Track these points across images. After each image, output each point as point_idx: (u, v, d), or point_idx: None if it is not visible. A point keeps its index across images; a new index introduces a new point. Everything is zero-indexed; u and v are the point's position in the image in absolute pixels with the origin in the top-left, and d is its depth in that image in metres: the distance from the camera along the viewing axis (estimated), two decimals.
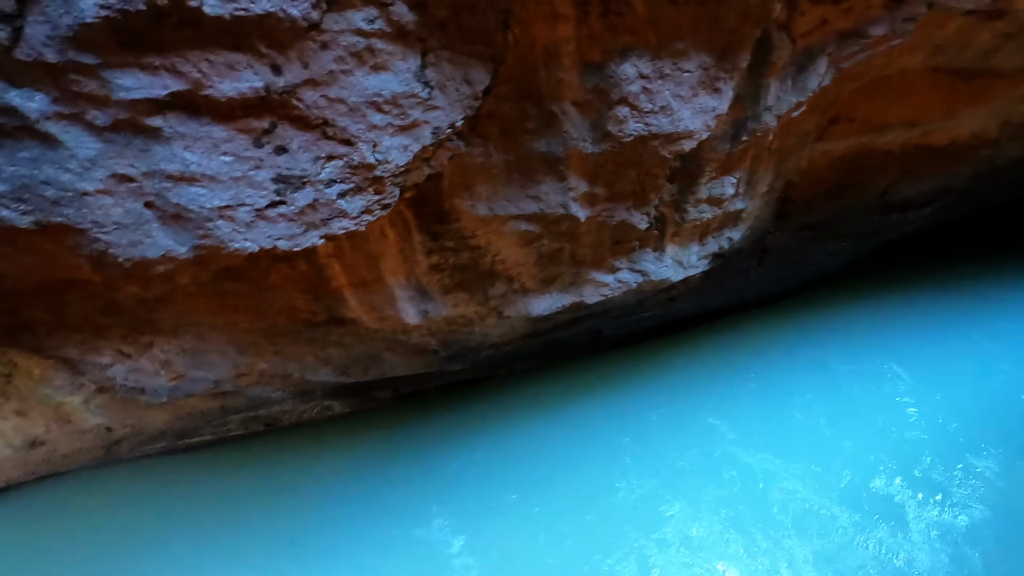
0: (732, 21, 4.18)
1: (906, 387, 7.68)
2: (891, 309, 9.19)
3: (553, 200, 4.85)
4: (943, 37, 5.41)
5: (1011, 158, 7.45)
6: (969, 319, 8.83)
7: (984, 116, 6.88)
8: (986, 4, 5.01)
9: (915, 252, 10.13)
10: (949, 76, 6.28)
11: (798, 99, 5.15)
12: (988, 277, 9.67)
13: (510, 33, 3.69)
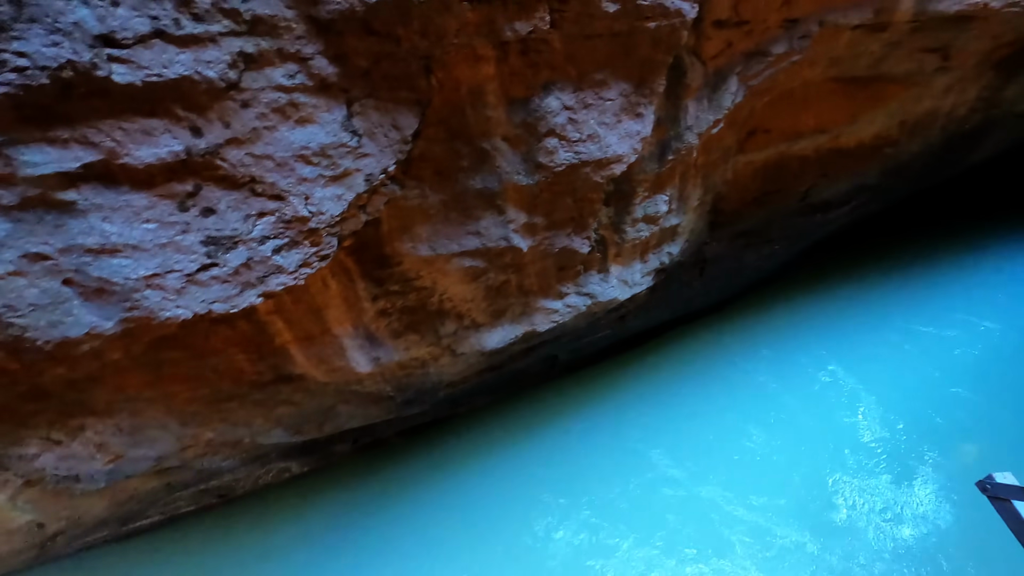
0: (645, 50, 4.38)
1: (842, 392, 8.01)
2: (823, 306, 9.65)
3: (494, 234, 4.89)
4: (837, 50, 5.84)
5: (912, 153, 8.06)
6: (896, 308, 9.38)
7: (884, 118, 7.43)
8: (870, 18, 5.46)
9: (841, 249, 10.72)
10: (848, 84, 6.77)
11: (715, 116, 5.42)
12: (905, 266, 10.32)
13: (433, 77, 3.75)
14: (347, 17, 3.13)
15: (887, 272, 10.28)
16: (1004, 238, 10.94)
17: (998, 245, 10.72)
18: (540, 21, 3.82)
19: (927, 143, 7.95)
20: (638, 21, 4.13)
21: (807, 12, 5.26)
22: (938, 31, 6.04)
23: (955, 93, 7.44)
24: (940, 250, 10.60)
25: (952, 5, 5.55)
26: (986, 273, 9.94)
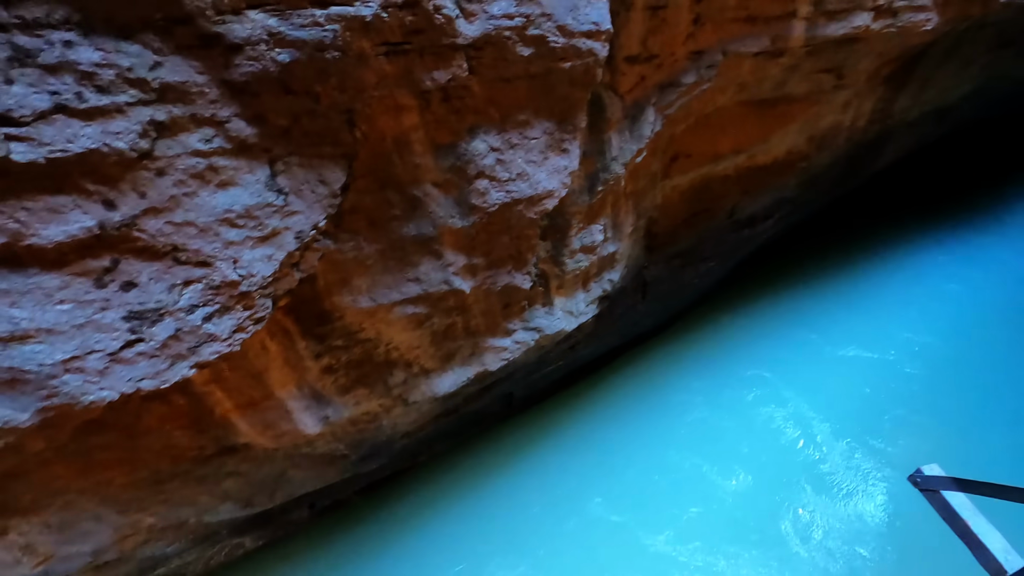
0: (563, 89, 4.55)
1: (784, 414, 8.36)
2: (758, 320, 10.07)
3: (434, 278, 4.88)
4: (742, 76, 6.25)
5: (823, 165, 8.62)
6: (820, 317, 9.92)
7: (794, 134, 7.94)
8: (767, 46, 5.89)
9: (771, 260, 11.24)
10: (757, 107, 7.22)
11: (638, 146, 5.66)
12: (827, 272, 10.94)
13: (357, 130, 3.77)
14: (262, 79, 3.13)
15: (806, 283, 10.85)
16: (914, 238, 11.79)
17: (911, 246, 11.54)
18: (458, 69, 3.92)
19: (835, 155, 8.54)
20: (553, 63, 4.30)
21: (710, 44, 5.62)
22: (830, 53, 6.55)
23: (853, 108, 8.06)
24: (859, 257, 11.28)
25: (838, 29, 6.05)
26: (903, 286, 10.64)
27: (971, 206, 12.56)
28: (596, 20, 4.30)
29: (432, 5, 3.47)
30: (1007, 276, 10.81)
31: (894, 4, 6.16)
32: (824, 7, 5.77)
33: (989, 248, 11.50)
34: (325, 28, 3.15)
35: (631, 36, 5.01)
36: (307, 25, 3.10)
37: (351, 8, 3.17)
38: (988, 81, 9.60)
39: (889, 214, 12.22)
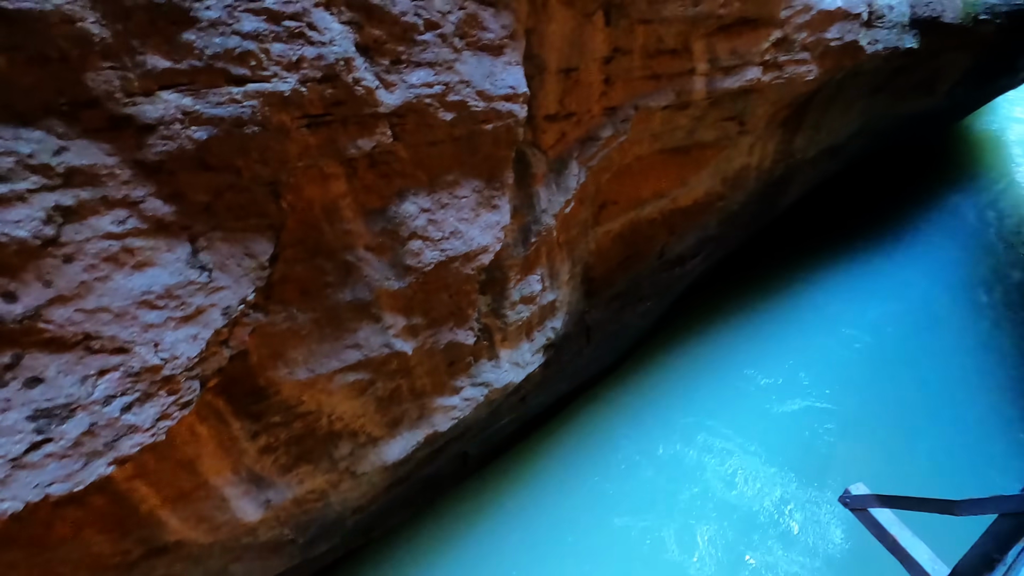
0: (487, 149, 4.71)
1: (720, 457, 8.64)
2: (696, 358, 10.43)
3: (375, 343, 4.78)
4: (654, 128, 6.67)
5: (739, 203, 9.21)
6: (751, 350, 10.41)
7: (709, 177, 8.48)
8: (674, 100, 6.34)
9: (703, 295, 11.73)
10: (673, 154, 7.69)
11: (565, 198, 5.87)
12: (754, 304, 11.52)
13: (283, 201, 3.73)
14: (177, 157, 3.07)
15: (737, 315, 11.40)
16: (828, 265, 12.64)
17: (826, 272, 12.36)
18: (382, 136, 4.00)
19: (748, 193, 9.15)
20: (475, 125, 4.45)
21: (622, 100, 6.00)
22: (730, 103, 7.13)
23: (758, 150, 8.72)
24: (781, 286, 11.97)
25: (734, 82, 6.61)
26: (822, 311, 11.36)
27: (877, 231, 13.66)
28: (512, 84, 4.52)
29: (351, 78, 3.55)
30: (914, 296, 11.73)
31: (779, 59, 6.82)
32: (719, 64, 6.31)
33: (895, 269, 12.48)
34: (243, 105, 3.15)
35: (548, 97, 5.29)
36: (224, 103, 3.10)
37: (268, 84, 3.20)
38: (869, 120, 10.66)
39: (805, 243, 13.08)
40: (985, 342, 10.67)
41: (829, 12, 6.96)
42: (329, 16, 3.40)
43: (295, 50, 3.27)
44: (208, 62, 3.00)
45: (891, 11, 7.88)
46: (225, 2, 2.96)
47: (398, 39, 3.81)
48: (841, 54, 7.55)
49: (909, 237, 13.52)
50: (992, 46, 10.20)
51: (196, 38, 2.93)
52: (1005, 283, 12.11)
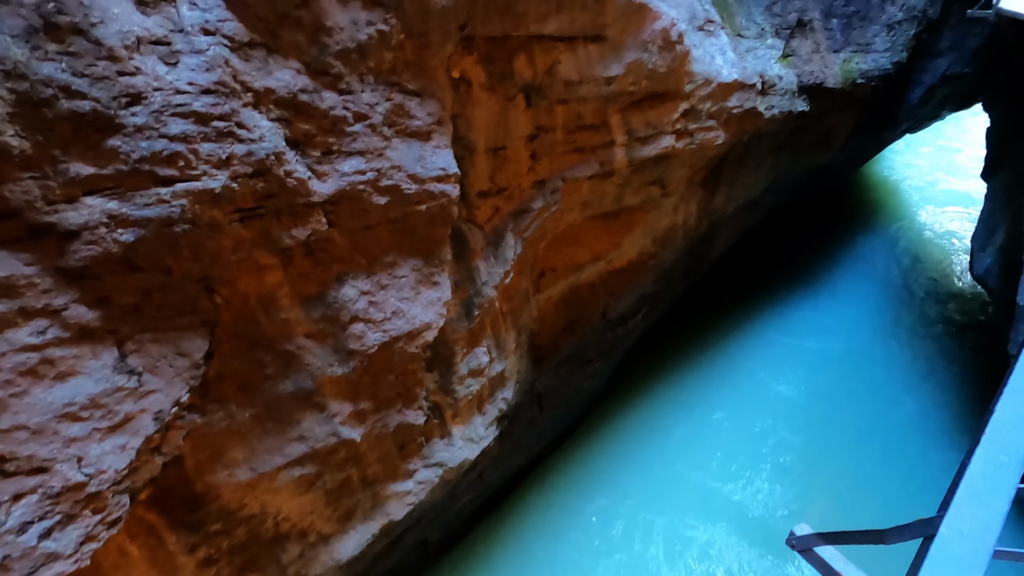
0: (423, 229, 4.83)
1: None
2: (646, 419, 10.56)
3: (320, 433, 4.62)
4: (583, 196, 7.03)
5: (671, 261, 9.67)
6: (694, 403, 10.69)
7: (640, 238, 8.91)
8: (598, 170, 6.74)
9: (647, 352, 11.97)
10: (603, 219, 8.08)
11: (504, 269, 6.03)
12: (692, 361, 11.87)
13: (217, 296, 3.67)
14: (103, 261, 3.01)
15: (678, 369, 11.71)
16: (757, 313, 13.30)
17: (756, 321, 13.01)
18: (317, 224, 4.05)
19: (677, 250, 9.64)
20: (409, 207, 4.59)
21: (550, 173, 6.34)
22: (651, 169, 7.63)
23: (682, 209, 9.28)
24: (716, 338, 12.45)
25: (651, 150, 7.11)
26: (757, 360, 11.86)
27: (801, 278, 14.57)
28: (443, 166, 4.72)
29: (283, 171, 3.63)
30: (839, 340, 12.48)
31: (689, 127, 7.43)
32: (636, 135, 6.81)
33: (820, 315, 13.28)
34: (172, 204, 3.15)
35: (479, 175, 5.53)
36: (152, 204, 3.09)
37: (198, 183, 3.23)
38: (778, 176, 11.61)
39: (735, 294, 13.75)
40: (906, 374, 11.43)
41: (727, 84, 7.70)
42: (258, 115, 3.51)
43: (225, 148, 3.33)
44: (135, 166, 3.01)
45: (781, 80, 8.79)
46: (152, 108, 3.02)
47: (328, 132, 3.95)
48: (743, 119, 8.29)
49: (829, 282, 14.47)
50: (872, 105, 11.48)
51: (122, 144, 2.95)
52: (919, 320, 13.10)
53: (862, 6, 9.91)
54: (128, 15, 2.90)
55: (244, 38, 3.37)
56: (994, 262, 10.58)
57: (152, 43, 3.00)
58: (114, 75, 2.84)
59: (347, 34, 3.86)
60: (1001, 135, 12.44)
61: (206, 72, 3.17)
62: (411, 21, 4.21)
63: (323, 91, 3.84)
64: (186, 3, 3.11)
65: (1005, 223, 10.35)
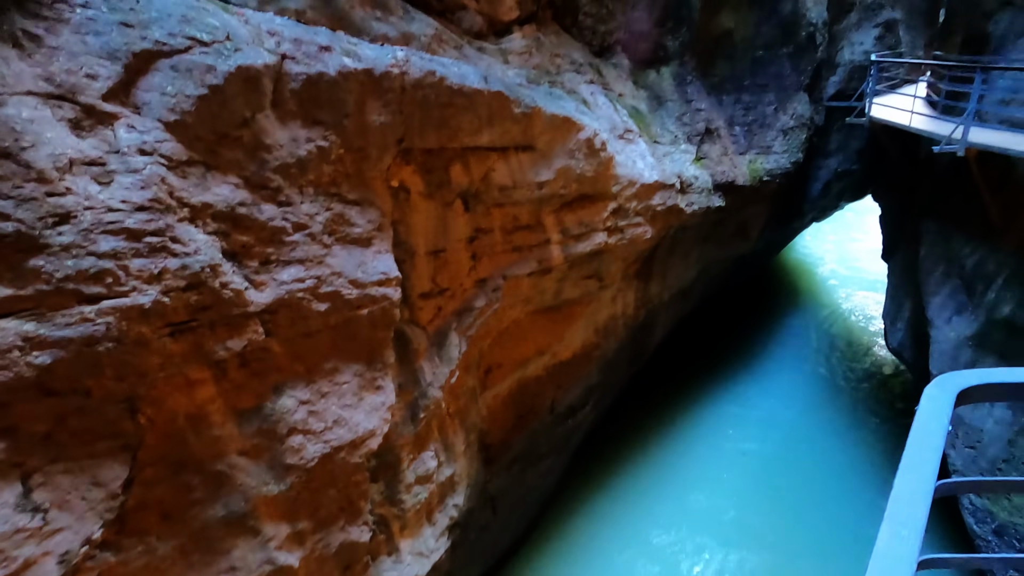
0: (365, 333, 4.79)
1: None
2: (601, 521, 10.30)
3: (254, 561, 4.22)
4: (524, 292, 7.22)
5: (614, 350, 9.88)
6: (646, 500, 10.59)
7: (582, 330, 9.11)
8: (536, 267, 7.00)
9: (597, 444, 11.86)
10: (546, 313, 8.26)
11: (449, 368, 5.98)
12: (642, 451, 11.87)
13: (141, 416, 3.45)
14: (13, 387, 2.80)
15: (630, 461, 11.65)
16: (698, 400, 13.62)
17: (698, 407, 13.30)
18: (254, 334, 3.95)
19: (619, 340, 9.89)
20: (350, 312, 4.57)
21: (490, 272, 6.52)
22: (587, 264, 7.99)
23: (620, 300, 9.65)
24: (661, 427, 12.58)
25: (585, 247, 7.49)
26: (703, 447, 12.04)
27: (739, 360, 15.14)
28: (384, 270, 4.79)
29: (218, 283, 3.58)
30: (781, 418, 12.89)
31: (619, 224, 7.93)
32: (570, 233, 7.18)
33: (759, 396, 13.73)
34: (96, 323, 3.03)
35: (421, 277, 5.62)
36: (74, 323, 2.95)
37: (126, 299, 3.13)
38: (705, 265, 12.38)
39: (679, 380, 14.06)
40: (843, 443, 11.87)
41: (649, 184, 8.36)
42: (194, 229, 3.50)
43: (157, 263, 3.28)
44: (58, 285, 2.90)
45: (697, 180, 9.63)
46: (81, 227, 2.97)
47: (267, 242, 3.97)
48: (667, 215, 8.94)
49: (762, 365, 15.13)
50: (780, 198, 12.68)
51: (45, 263, 2.86)
52: (853, 392, 13.77)
53: (759, 116, 11.21)
54: (62, 138, 2.93)
55: (182, 157, 3.43)
56: (905, 335, 11.42)
57: (86, 164, 3.01)
58: (42, 196, 2.81)
59: (287, 150, 4.01)
60: (891, 221, 13.90)
61: (141, 190, 3.18)
62: (350, 137, 4.43)
63: (262, 204, 3.90)
64: (124, 126, 3.18)
65: (909, 299, 11.30)
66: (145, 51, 3.28)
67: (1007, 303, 7.83)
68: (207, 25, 3.57)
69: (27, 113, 2.81)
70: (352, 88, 4.31)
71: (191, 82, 3.43)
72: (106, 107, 3.14)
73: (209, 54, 3.51)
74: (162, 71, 3.35)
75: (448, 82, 5.01)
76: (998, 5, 9.54)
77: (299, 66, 4.00)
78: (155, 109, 3.31)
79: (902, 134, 10.79)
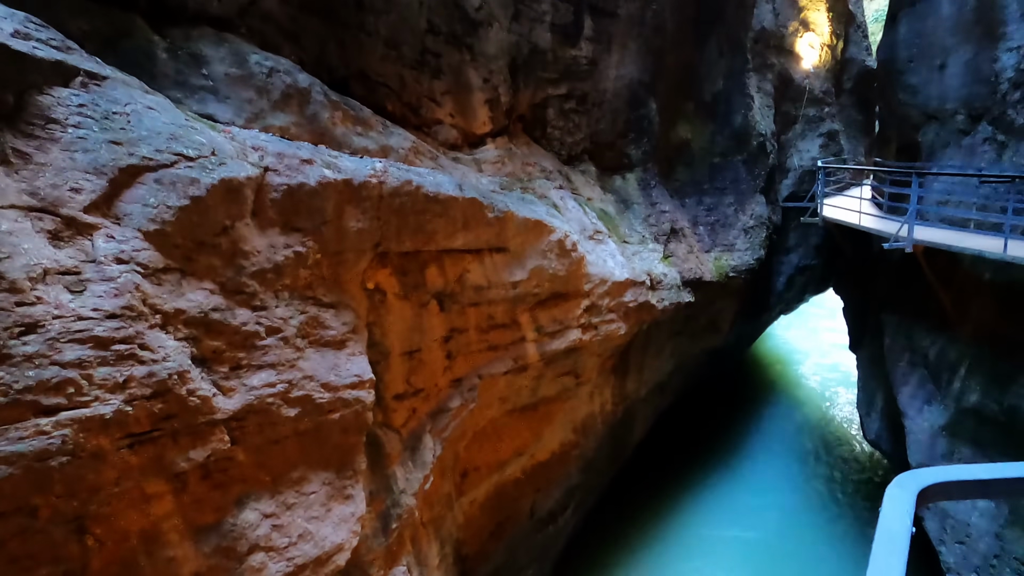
0: (336, 438, 4.65)
1: None
2: None
3: None
4: (500, 391, 7.16)
5: (593, 448, 9.67)
6: None
7: (560, 428, 8.96)
8: (512, 365, 7.00)
9: (579, 554, 11.24)
10: (523, 412, 8.15)
11: (423, 473, 5.77)
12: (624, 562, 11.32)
13: (88, 537, 3.21)
14: None
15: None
16: (684, 498, 13.23)
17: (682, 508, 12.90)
18: (219, 442, 3.80)
19: (598, 437, 9.72)
20: (321, 416, 4.46)
21: (465, 372, 6.48)
22: (563, 361, 8.01)
23: (598, 396, 9.59)
24: (644, 533, 12.10)
25: (560, 344, 7.55)
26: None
27: (719, 454, 14.88)
28: (358, 372, 4.74)
29: (185, 390, 3.50)
30: (768, 515, 12.53)
31: (593, 321, 8.07)
32: (545, 331, 7.27)
33: (742, 492, 13.41)
34: (51, 436, 2.90)
35: (395, 378, 5.56)
36: (27, 436, 2.82)
37: (87, 410, 3.03)
38: (680, 359, 12.50)
39: (660, 480, 13.68)
40: (827, 533, 11.53)
41: (621, 282, 8.62)
42: (164, 335, 3.47)
43: (123, 371, 3.21)
44: (15, 397, 2.80)
45: (666, 277, 9.98)
46: (48, 336, 2.93)
47: (239, 347, 3.94)
48: (639, 311, 9.14)
49: (744, 461, 14.90)
50: (747, 293, 13.13)
51: (5, 374, 2.78)
52: (833, 483, 13.53)
53: (720, 216, 11.88)
54: (39, 249, 2.96)
55: (159, 264, 3.48)
56: (881, 426, 11.46)
57: (60, 273, 3.03)
58: (11, 306, 2.79)
59: (264, 256, 4.10)
60: (855, 313, 14.42)
61: (114, 298, 3.18)
62: (328, 242, 4.56)
63: (236, 308, 3.92)
64: (103, 236, 3.24)
65: (880, 390, 11.48)
66: (131, 166, 3.42)
67: (972, 392, 8.01)
68: (194, 142, 3.76)
69: (7, 226, 2.86)
70: (331, 197, 4.50)
71: (174, 194, 3.55)
72: (87, 218, 3.21)
73: (194, 168, 3.67)
74: (146, 184, 3.48)
75: (424, 190, 5.26)
76: (924, 119, 10.61)
77: (280, 177, 4.19)
78: (136, 219, 3.40)
79: (854, 232, 11.49)
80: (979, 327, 8.16)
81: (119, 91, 3.56)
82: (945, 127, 10.03)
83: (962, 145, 9.65)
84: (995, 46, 9.01)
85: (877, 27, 20.76)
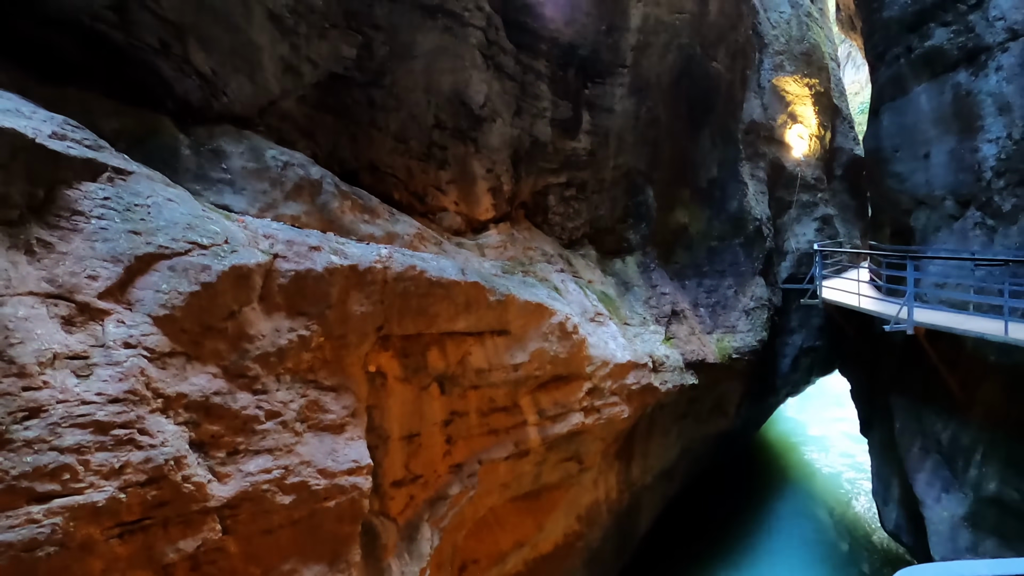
0: (330, 527, 4.51)
1: None
2: None
3: None
4: (502, 477, 6.98)
5: (598, 539, 9.25)
6: None
7: (564, 517, 8.63)
8: (513, 450, 6.86)
9: None
10: (524, 500, 7.89)
11: (420, 566, 5.53)
12: None
13: None
14: None
15: None
16: None
17: None
18: (211, 532, 3.71)
19: (603, 527, 9.32)
20: (316, 504, 4.35)
21: (466, 457, 6.36)
22: (565, 445, 7.85)
23: (602, 483, 9.30)
24: None
25: (562, 428, 7.44)
26: None
27: (733, 547, 14.14)
28: (355, 458, 4.67)
29: (180, 476, 3.47)
30: None
31: (595, 403, 7.98)
32: (546, 414, 7.19)
33: None
34: (42, 524, 2.85)
35: (394, 463, 5.47)
36: (17, 525, 2.78)
37: (80, 497, 2.99)
38: (687, 443, 12.20)
39: None
40: None
41: (623, 364, 8.60)
42: (164, 419, 3.49)
43: (120, 457, 3.20)
44: (10, 483, 2.79)
45: (668, 359, 9.95)
46: (50, 420, 2.96)
47: (237, 431, 3.92)
48: (642, 394, 9.05)
49: (759, 547, 14.13)
50: (752, 375, 13.00)
51: (3, 460, 2.79)
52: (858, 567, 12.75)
53: (721, 298, 12.01)
54: (51, 334, 3.05)
55: (165, 348, 3.55)
56: (900, 516, 10.95)
57: (68, 358, 3.10)
58: (18, 391, 2.84)
59: (268, 340, 4.17)
60: (862, 396, 14.16)
61: (118, 382, 3.23)
62: (331, 326, 4.65)
63: (237, 392, 3.94)
64: (114, 321, 3.34)
65: (895, 477, 11.07)
66: (147, 254, 3.58)
67: (990, 480, 7.75)
68: (208, 231, 3.95)
69: (23, 312, 2.97)
70: (336, 282, 4.64)
71: (186, 280, 3.69)
72: (100, 304, 3.33)
73: (207, 255, 3.83)
74: (160, 271, 3.62)
75: (428, 274, 5.42)
76: (914, 204, 10.95)
77: (289, 263, 4.35)
78: (147, 305, 3.51)
79: (855, 313, 11.54)
80: (990, 410, 8.02)
81: (142, 185, 3.79)
82: (935, 212, 10.33)
83: (953, 229, 9.90)
84: (975, 137, 9.44)
85: (862, 118, 21.90)
